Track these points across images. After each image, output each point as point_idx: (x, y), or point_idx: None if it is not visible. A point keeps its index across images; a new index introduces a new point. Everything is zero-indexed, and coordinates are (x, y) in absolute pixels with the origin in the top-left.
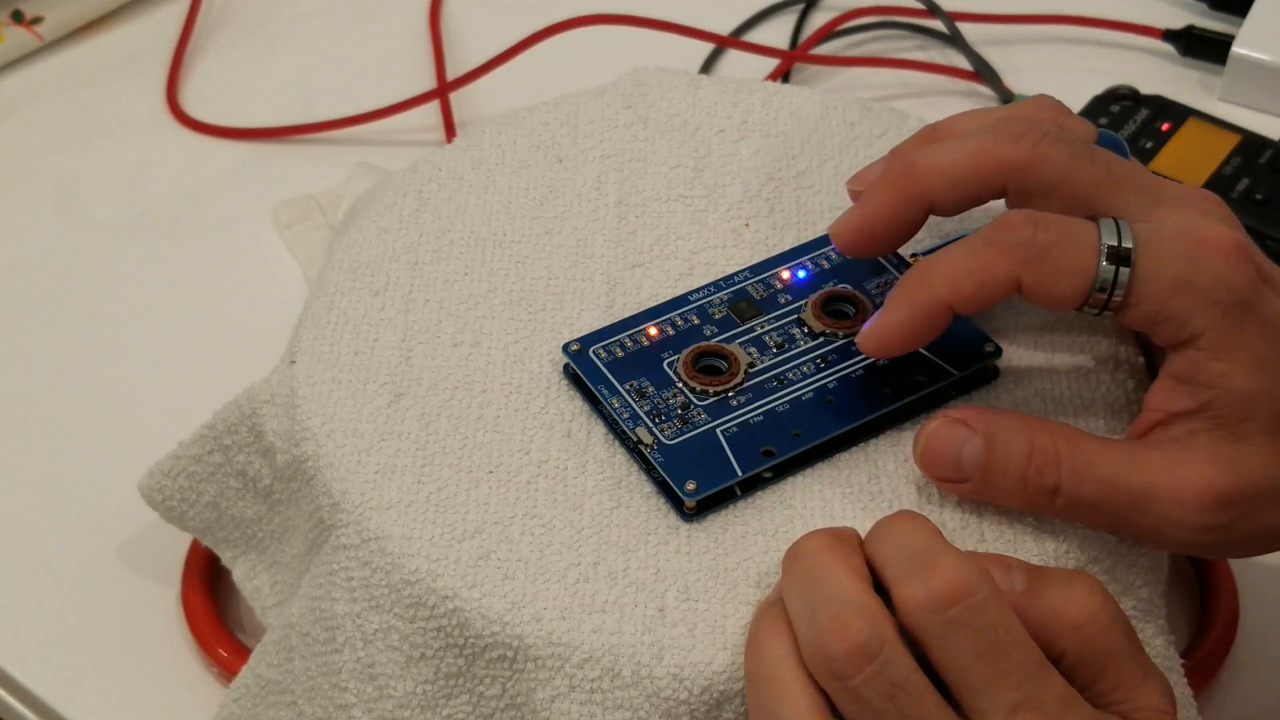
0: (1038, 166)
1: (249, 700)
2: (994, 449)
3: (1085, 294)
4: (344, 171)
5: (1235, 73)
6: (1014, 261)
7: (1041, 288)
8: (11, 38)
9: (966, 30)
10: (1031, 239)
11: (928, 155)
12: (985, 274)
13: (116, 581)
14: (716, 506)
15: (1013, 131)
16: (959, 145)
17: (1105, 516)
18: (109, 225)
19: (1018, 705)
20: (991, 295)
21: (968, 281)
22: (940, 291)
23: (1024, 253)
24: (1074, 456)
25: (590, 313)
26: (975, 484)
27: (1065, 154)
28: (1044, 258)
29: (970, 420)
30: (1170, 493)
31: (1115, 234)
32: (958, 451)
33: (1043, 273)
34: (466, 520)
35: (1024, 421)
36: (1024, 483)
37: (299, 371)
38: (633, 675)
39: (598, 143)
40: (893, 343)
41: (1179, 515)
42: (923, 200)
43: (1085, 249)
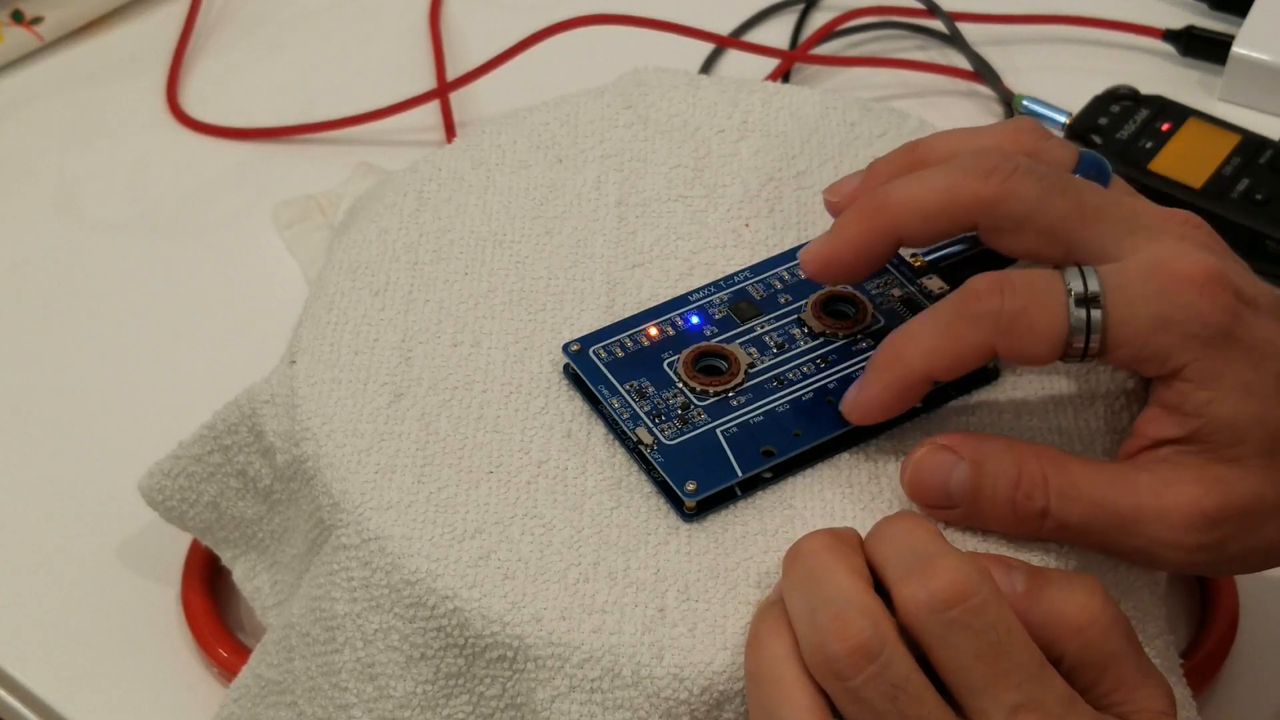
0: (1007, 203)
1: (249, 700)
2: (982, 475)
3: (1060, 351)
4: (344, 171)
5: (1235, 73)
6: (985, 333)
7: (1016, 352)
8: (11, 38)
9: (966, 30)
10: (1000, 309)
11: (899, 189)
12: (959, 347)
13: (116, 581)
14: (716, 507)
15: (983, 166)
16: (930, 180)
17: (1095, 538)
18: (109, 225)
19: (1018, 706)
20: (969, 365)
21: (943, 356)
22: (916, 366)
23: (993, 324)
24: (1061, 480)
25: (590, 313)
26: (965, 510)
27: (1035, 189)
28: (1015, 325)
29: (956, 447)
30: (1158, 514)
31: (1082, 284)
32: (945, 479)
33: (1015, 339)
34: (466, 520)
35: (1011, 446)
36: (1013, 507)
37: (299, 371)
38: (633, 675)
39: (598, 143)
40: (875, 415)
41: (1168, 536)
42: (893, 234)
43: (1053, 309)
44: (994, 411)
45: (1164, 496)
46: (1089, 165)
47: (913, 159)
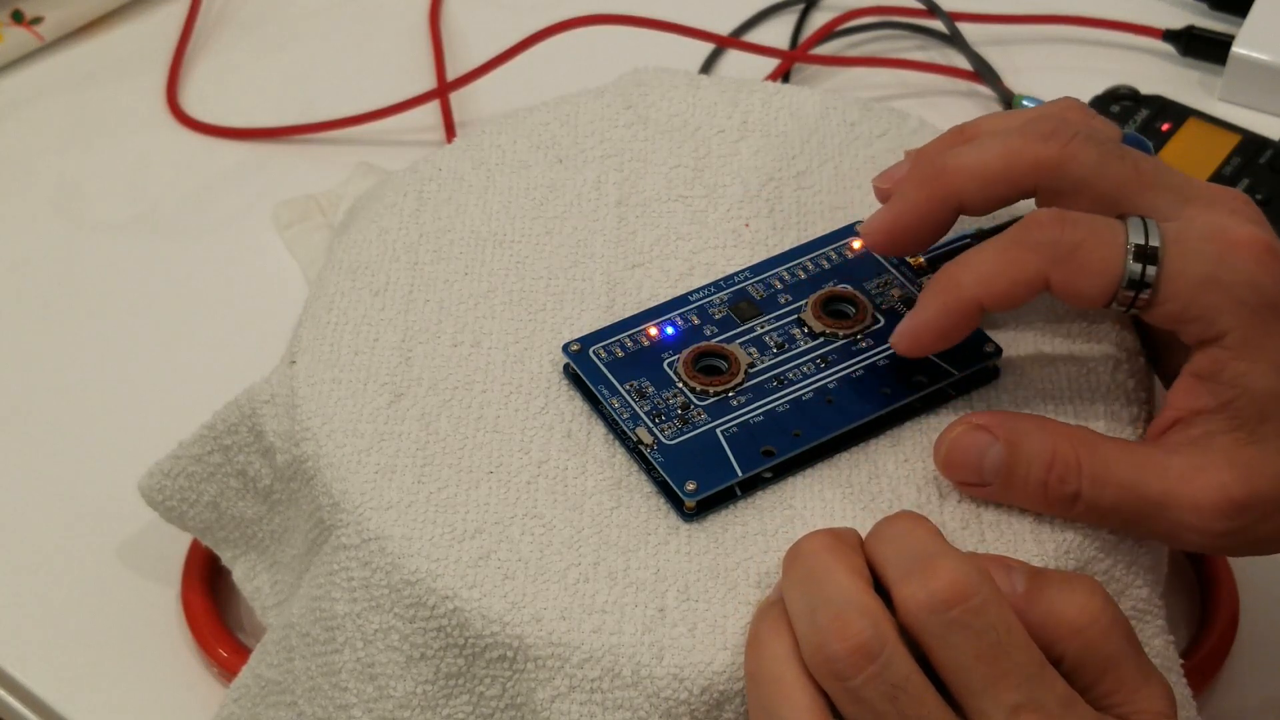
0: (1068, 166)
1: (249, 700)
2: (1016, 456)
3: (1112, 292)
4: (344, 171)
5: (1235, 73)
6: (1043, 260)
7: (1069, 286)
8: (11, 38)
9: (966, 30)
10: (1059, 238)
11: (958, 156)
12: (1015, 273)
13: (116, 581)
14: (716, 506)
15: (1042, 130)
16: (989, 145)
17: (1123, 521)
18: (109, 225)
19: (1018, 706)
20: (1021, 294)
21: (998, 281)
22: (971, 291)
23: (1052, 252)
24: (1094, 463)
25: (590, 313)
26: (997, 489)
27: (1095, 153)
28: (1072, 257)
29: (992, 426)
30: (1188, 500)
31: (1143, 233)
32: (980, 457)
33: (1070, 271)
34: (466, 520)
35: (1045, 427)
36: (1045, 489)
37: (299, 371)
38: (633, 675)
39: (598, 143)
40: (925, 342)
41: (1196, 521)
42: (952, 200)
43: (1113, 248)
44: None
45: (1194, 483)
46: (1132, 144)
47: (961, 138)
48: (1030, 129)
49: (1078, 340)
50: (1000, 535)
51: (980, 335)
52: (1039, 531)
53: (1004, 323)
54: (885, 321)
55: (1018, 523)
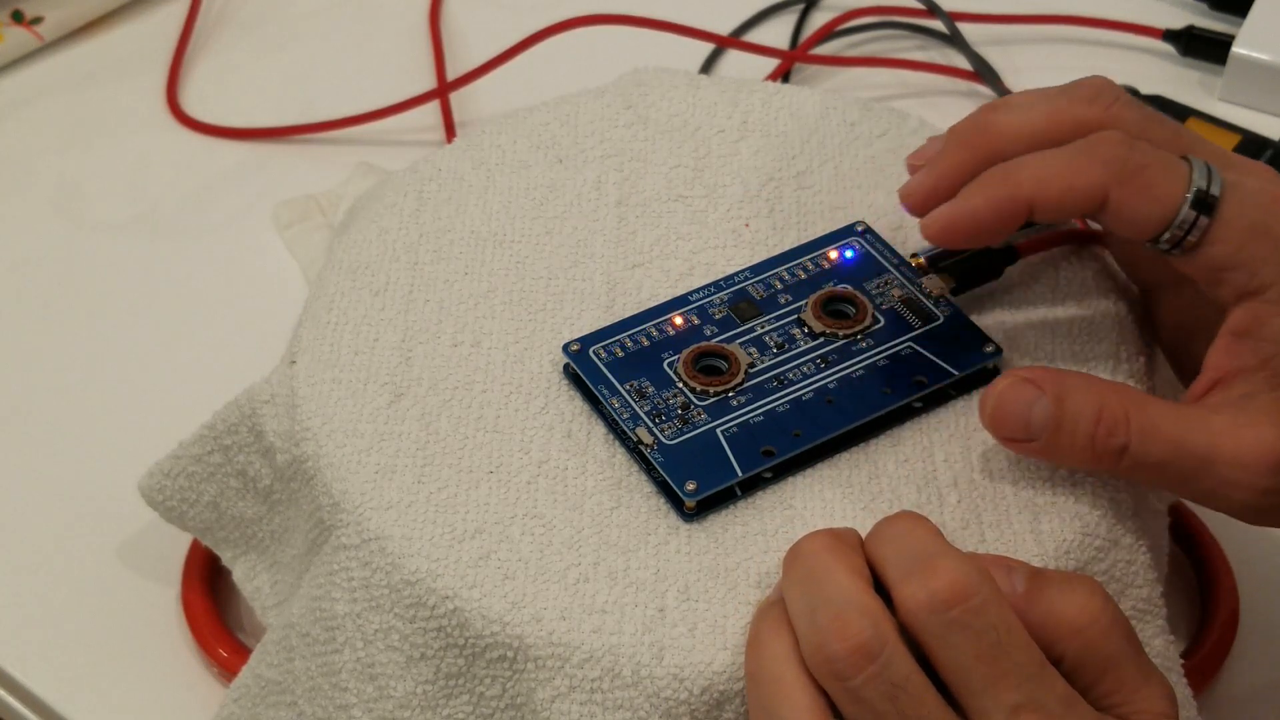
0: (1112, 125)
1: (249, 700)
2: (1064, 409)
3: (1168, 221)
4: (344, 171)
5: (1235, 73)
6: (1107, 174)
7: (1126, 207)
8: (11, 38)
9: (966, 30)
10: (1128, 156)
11: (1001, 115)
12: (1075, 179)
13: (116, 581)
14: (716, 506)
15: (1084, 94)
16: (1032, 107)
17: (1169, 478)
18: (109, 225)
19: (1018, 706)
20: (1074, 203)
21: (1056, 183)
22: (1025, 188)
23: (1119, 168)
24: (1142, 418)
25: (590, 313)
26: (1043, 443)
27: (1137, 116)
28: (1136, 176)
29: (1039, 380)
30: (1233, 455)
31: (1206, 175)
32: (1027, 411)
33: (1131, 192)
34: (467, 520)
35: (1091, 382)
36: (1092, 443)
37: (299, 371)
38: (633, 675)
39: (598, 143)
40: (960, 229)
41: (1241, 477)
42: (996, 158)
43: (1177, 178)
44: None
45: (1238, 438)
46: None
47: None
48: (1073, 92)
49: (1078, 340)
50: (1000, 535)
51: (980, 335)
52: (1039, 531)
53: (1004, 323)
54: (885, 321)
55: (1017, 522)
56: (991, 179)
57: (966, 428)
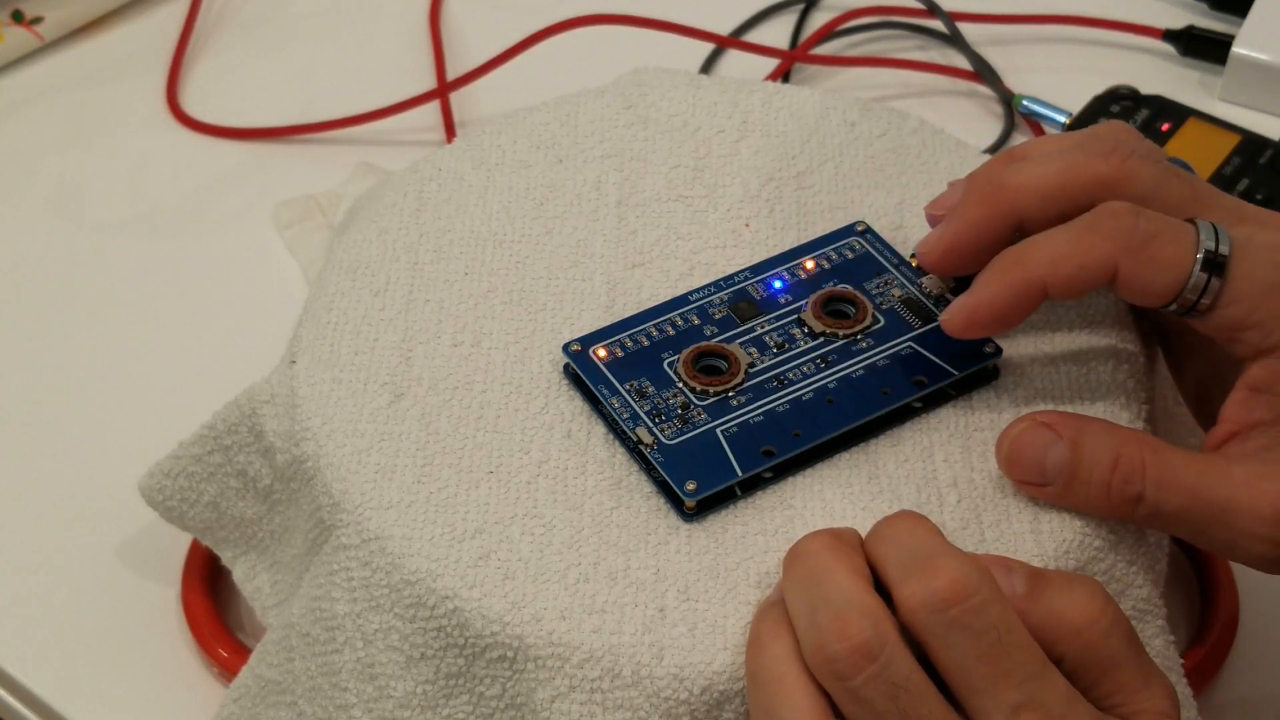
0: (1127, 182)
1: (249, 700)
2: (1080, 456)
3: (1179, 288)
4: (344, 171)
5: (1235, 73)
6: (1115, 248)
7: (1138, 278)
8: (11, 38)
9: (966, 30)
10: (1135, 227)
11: (1016, 172)
12: (1085, 257)
13: (116, 581)
14: (716, 506)
15: (1101, 148)
16: (1047, 161)
17: (1185, 527)
18: (109, 225)
19: (1019, 705)
20: (1088, 280)
21: (1067, 263)
22: (1038, 271)
23: (1127, 240)
24: (1160, 467)
25: (590, 313)
26: (1058, 489)
27: (1153, 171)
28: (1145, 247)
29: (1056, 425)
30: (1251, 508)
31: (1214, 236)
32: (1042, 456)
33: (1141, 263)
34: (467, 520)
35: (1109, 429)
36: (1108, 490)
37: (299, 371)
38: (633, 675)
39: (598, 143)
40: (981, 321)
41: (1258, 530)
42: (1012, 216)
43: (1184, 245)
44: (994, 411)
45: (1256, 490)
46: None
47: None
48: (1090, 145)
49: (1078, 340)
50: (1000, 535)
51: None
52: (1039, 532)
53: None
54: (885, 321)
55: (1017, 523)
56: (1004, 266)
57: (966, 428)
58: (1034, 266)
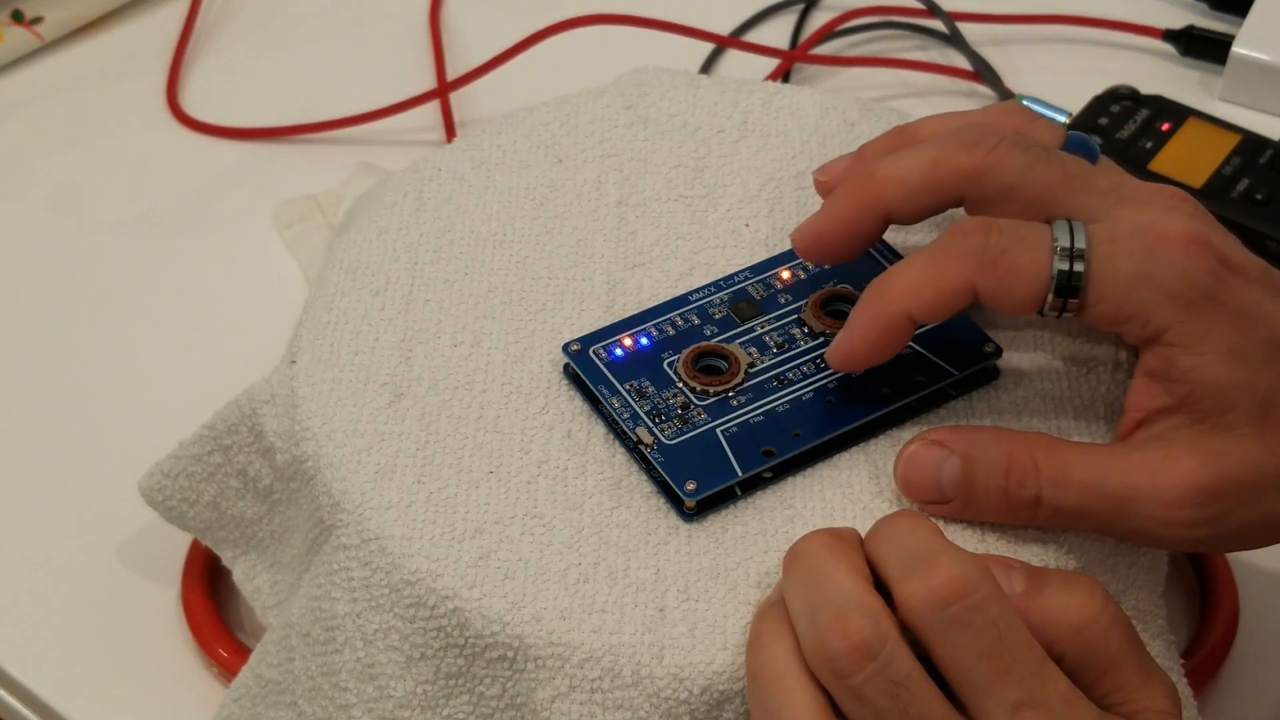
0: (992, 173)
1: (249, 700)
2: (973, 466)
3: (1042, 296)
4: (344, 171)
5: (1235, 73)
6: (969, 268)
7: (998, 293)
8: (11, 38)
9: (966, 30)
10: (985, 245)
11: (884, 165)
12: (941, 283)
13: (116, 581)
14: (716, 506)
15: (967, 139)
16: (915, 155)
17: (1091, 522)
18: (109, 225)
19: (1020, 703)
20: (950, 303)
21: (925, 291)
22: (900, 304)
23: (978, 259)
24: (1052, 465)
25: (590, 313)
26: (959, 503)
27: (1020, 159)
28: (998, 263)
29: (946, 440)
30: (1153, 491)
31: (1069, 234)
32: (937, 473)
33: (998, 278)
34: (467, 520)
35: (1000, 435)
36: (1006, 496)
37: (299, 371)
38: (633, 675)
39: (598, 143)
40: (858, 357)
41: (1164, 513)
42: (879, 209)
43: (1039, 251)
44: (994, 412)
45: (1158, 474)
46: (1076, 145)
47: (901, 140)
48: (956, 137)
49: (1078, 340)
50: (1001, 535)
51: (980, 335)
52: (1039, 533)
53: (1004, 322)
54: None
55: None
56: (868, 302)
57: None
58: (895, 299)
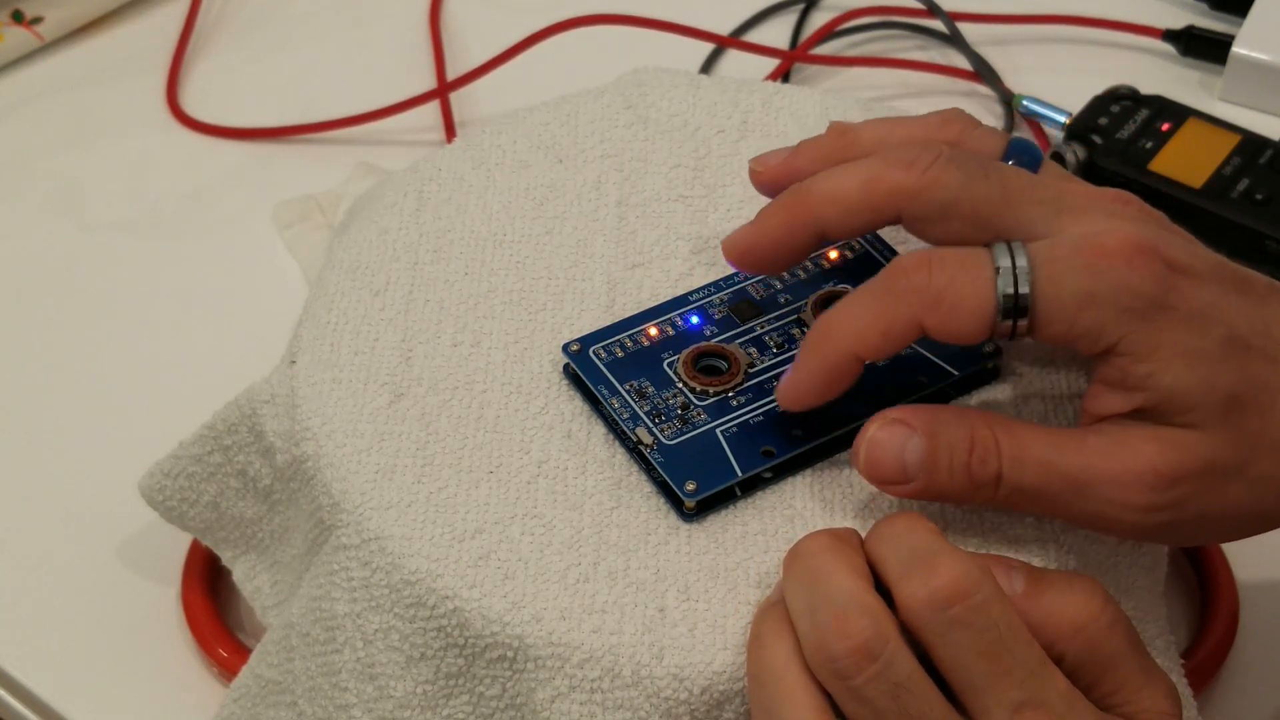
0: (928, 193)
1: (249, 700)
2: (937, 445)
3: (989, 327)
4: (344, 171)
5: (1235, 73)
6: (913, 308)
7: (945, 329)
8: (11, 38)
9: (966, 30)
10: (926, 284)
11: (820, 183)
12: (887, 325)
13: (116, 581)
14: (716, 506)
15: (905, 157)
16: (851, 173)
17: (1048, 503)
18: (109, 225)
19: (1020, 704)
20: (898, 343)
21: (871, 335)
22: (846, 345)
23: (920, 298)
24: (1012, 444)
25: (590, 313)
26: (921, 482)
27: (957, 177)
28: (941, 300)
29: (908, 419)
30: (1110, 474)
31: (1010, 260)
32: (900, 453)
33: (942, 316)
34: (466, 520)
35: (959, 413)
36: (969, 473)
37: (299, 371)
38: (633, 675)
39: (598, 143)
40: (806, 397)
41: (1121, 496)
42: (814, 226)
43: (980, 283)
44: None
45: (1115, 458)
46: (1019, 150)
47: (841, 144)
48: (894, 155)
49: None
50: (1002, 536)
51: None
52: (1040, 534)
53: None
54: None
55: (1018, 524)
56: (815, 342)
57: None
58: (842, 342)
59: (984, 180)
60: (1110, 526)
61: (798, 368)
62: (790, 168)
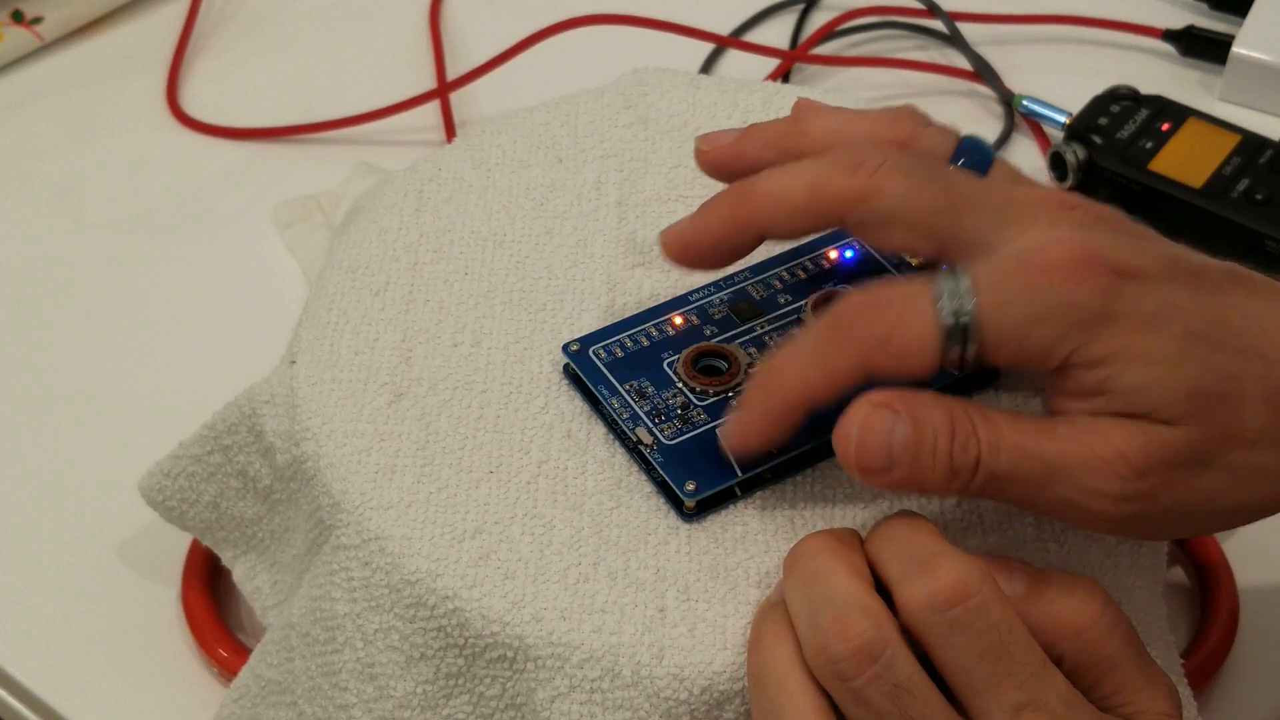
0: (873, 200)
1: (249, 700)
2: (922, 430)
3: (937, 363)
4: (344, 171)
5: (1235, 73)
6: (858, 355)
7: (894, 372)
8: (11, 38)
9: (966, 30)
10: (869, 332)
11: (763, 182)
12: (833, 373)
13: (116, 581)
14: (716, 507)
15: (850, 161)
16: (796, 174)
17: (1021, 488)
18: (109, 225)
19: (1021, 705)
20: (845, 389)
21: (818, 385)
22: (795, 393)
23: (864, 346)
24: (987, 428)
25: (590, 313)
26: (904, 469)
27: (902, 184)
28: (886, 345)
29: (891, 403)
30: (1082, 460)
31: (953, 295)
32: (889, 438)
33: (889, 359)
34: (466, 520)
35: (938, 399)
36: (950, 459)
37: (299, 371)
38: (633, 675)
39: (598, 143)
40: (756, 445)
41: (1094, 483)
42: (755, 226)
43: (924, 322)
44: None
45: (1085, 442)
46: (968, 150)
47: (791, 133)
48: (840, 158)
49: None
50: (1001, 537)
51: None
52: (1040, 535)
53: None
54: None
55: (1018, 524)
56: (762, 390)
57: None
58: (790, 390)
59: (929, 188)
60: (1084, 517)
61: (743, 412)
62: (737, 151)
